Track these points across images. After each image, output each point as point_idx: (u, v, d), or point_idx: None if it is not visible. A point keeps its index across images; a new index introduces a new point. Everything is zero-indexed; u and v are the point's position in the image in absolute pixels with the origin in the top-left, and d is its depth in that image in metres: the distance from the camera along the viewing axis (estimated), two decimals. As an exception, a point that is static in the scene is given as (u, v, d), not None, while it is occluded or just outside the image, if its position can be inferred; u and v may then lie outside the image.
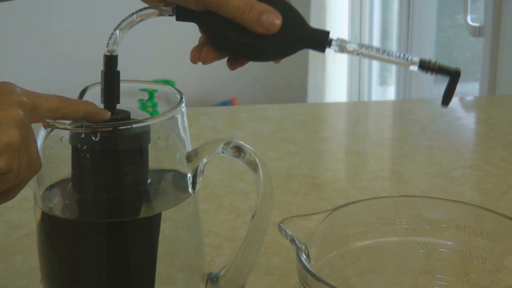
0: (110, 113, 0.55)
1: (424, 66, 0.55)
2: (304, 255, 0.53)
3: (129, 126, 0.55)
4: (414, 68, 0.56)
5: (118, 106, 0.57)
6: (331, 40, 0.57)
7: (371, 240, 0.60)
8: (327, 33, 0.57)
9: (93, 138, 0.54)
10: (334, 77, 2.89)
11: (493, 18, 1.82)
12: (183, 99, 0.58)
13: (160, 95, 0.61)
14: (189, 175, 0.59)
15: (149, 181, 0.57)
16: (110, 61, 0.57)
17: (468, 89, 2.44)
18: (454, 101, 1.35)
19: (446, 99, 0.56)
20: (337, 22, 2.84)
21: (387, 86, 2.94)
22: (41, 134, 0.55)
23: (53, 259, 0.58)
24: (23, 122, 0.48)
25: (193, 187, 0.59)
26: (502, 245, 0.57)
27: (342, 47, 0.57)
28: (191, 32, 0.60)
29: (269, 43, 0.57)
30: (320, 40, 0.58)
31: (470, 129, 1.23)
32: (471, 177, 0.99)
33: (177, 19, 0.58)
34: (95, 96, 0.57)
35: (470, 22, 1.91)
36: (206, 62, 0.59)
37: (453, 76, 0.55)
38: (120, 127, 0.55)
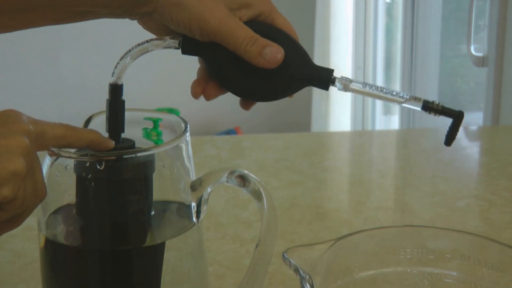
0: (114, 142, 0.56)
1: (428, 106, 0.56)
2: (308, 285, 0.53)
3: (134, 155, 0.55)
4: (417, 108, 0.56)
5: (123, 135, 0.58)
6: (335, 78, 0.57)
7: (375, 270, 0.60)
8: (331, 71, 0.58)
9: (97, 166, 0.54)
10: (338, 106, 2.89)
11: (497, 48, 1.83)
12: (188, 128, 0.58)
13: (165, 124, 0.62)
14: (193, 204, 0.59)
15: (153, 210, 0.57)
16: (115, 90, 0.57)
17: (472, 118, 2.44)
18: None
19: (449, 139, 0.58)
20: (341, 53, 2.86)
21: (391, 116, 2.94)
22: (46, 162, 0.55)
23: (56, 286, 0.58)
24: (29, 151, 0.48)
25: (197, 216, 0.59)
26: (507, 276, 0.57)
27: (345, 86, 0.57)
28: (195, 61, 0.60)
29: (273, 83, 0.57)
30: (324, 79, 0.58)
31: (474, 159, 1.23)
32: (475, 207, 0.99)
33: (183, 53, 0.58)
34: (100, 125, 0.58)
35: (473, 52, 1.92)
36: (210, 98, 0.59)
37: (456, 118, 0.56)
38: (124, 156, 0.55)
